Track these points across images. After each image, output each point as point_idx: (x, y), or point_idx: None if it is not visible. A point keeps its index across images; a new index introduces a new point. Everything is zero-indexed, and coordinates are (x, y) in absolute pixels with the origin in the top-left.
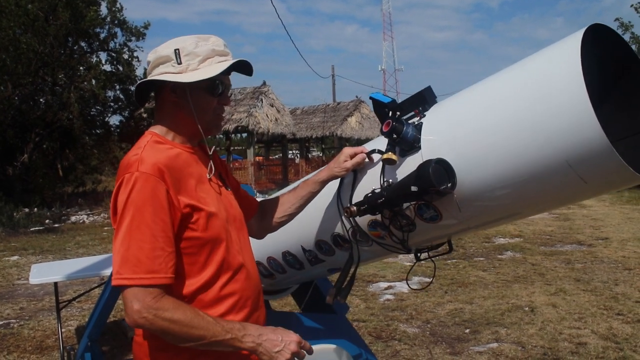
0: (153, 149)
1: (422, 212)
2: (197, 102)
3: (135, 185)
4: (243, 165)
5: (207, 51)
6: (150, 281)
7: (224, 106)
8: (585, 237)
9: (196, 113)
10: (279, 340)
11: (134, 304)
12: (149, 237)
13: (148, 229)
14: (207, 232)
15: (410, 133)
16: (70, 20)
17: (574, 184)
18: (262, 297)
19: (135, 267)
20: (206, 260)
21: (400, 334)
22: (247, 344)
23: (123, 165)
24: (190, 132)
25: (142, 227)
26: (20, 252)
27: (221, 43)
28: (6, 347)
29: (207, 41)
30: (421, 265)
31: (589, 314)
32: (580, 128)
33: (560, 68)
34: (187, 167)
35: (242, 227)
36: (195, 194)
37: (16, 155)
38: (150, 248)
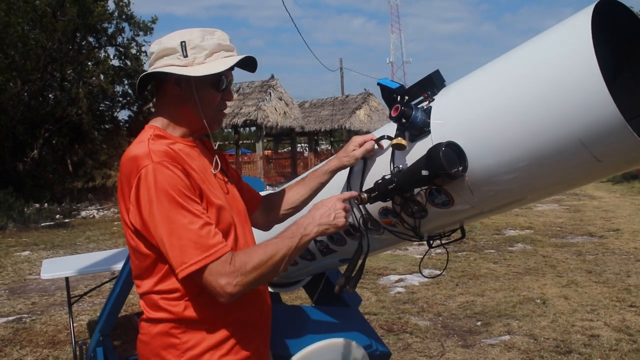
0: (156, 143)
1: (434, 197)
2: (202, 96)
3: (156, 176)
4: (252, 159)
5: (214, 45)
6: (216, 255)
7: (226, 102)
8: (597, 229)
9: (201, 106)
10: (327, 211)
11: (219, 280)
12: (192, 217)
13: (188, 211)
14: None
15: (419, 117)
16: (78, 16)
17: (588, 163)
18: (267, 291)
19: (196, 250)
20: None
21: (411, 327)
22: (313, 233)
23: (129, 160)
24: (192, 125)
25: (181, 211)
26: (31, 247)
27: (227, 38)
28: (19, 342)
29: (213, 35)
30: (432, 257)
31: (601, 305)
32: (593, 105)
33: (571, 45)
34: (190, 161)
35: (246, 220)
36: (201, 186)
37: (26, 151)
38: (199, 227)
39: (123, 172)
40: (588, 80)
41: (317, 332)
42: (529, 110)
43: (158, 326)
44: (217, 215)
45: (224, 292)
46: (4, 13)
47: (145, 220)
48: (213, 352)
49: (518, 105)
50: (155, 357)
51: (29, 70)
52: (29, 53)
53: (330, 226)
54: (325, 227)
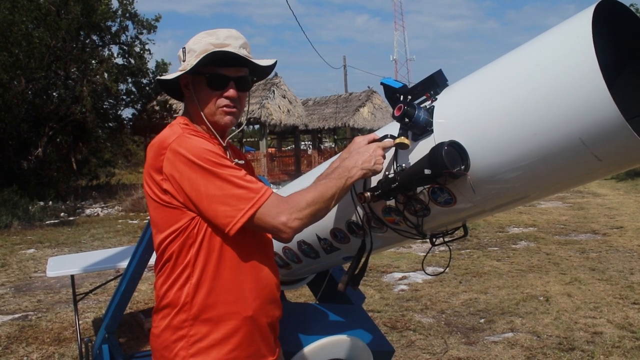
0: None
1: (436, 196)
2: (199, 95)
3: (186, 144)
4: (256, 156)
5: (205, 45)
6: (267, 193)
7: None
8: (600, 226)
9: (200, 105)
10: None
11: (278, 218)
12: (233, 169)
13: (227, 166)
14: None
15: (422, 117)
16: (82, 14)
17: (589, 162)
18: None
19: (248, 194)
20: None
21: (415, 324)
22: (357, 176)
23: (158, 141)
24: (204, 123)
25: (221, 167)
26: (36, 245)
27: (223, 35)
28: (25, 339)
29: (210, 36)
30: (435, 255)
31: (605, 303)
32: (594, 105)
33: (572, 45)
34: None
35: None
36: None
37: (30, 149)
38: (242, 174)
39: (152, 153)
40: (589, 80)
41: (321, 329)
42: (530, 110)
43: (167, 319)
44: None
45: (286, 228)
46: (8, 11)
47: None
48: (222, 345)
49: (519, 105)
50: (165, 349)
51: (33, 69)
52: (33, 51)
53: (370, 171)
54: (366, 172)
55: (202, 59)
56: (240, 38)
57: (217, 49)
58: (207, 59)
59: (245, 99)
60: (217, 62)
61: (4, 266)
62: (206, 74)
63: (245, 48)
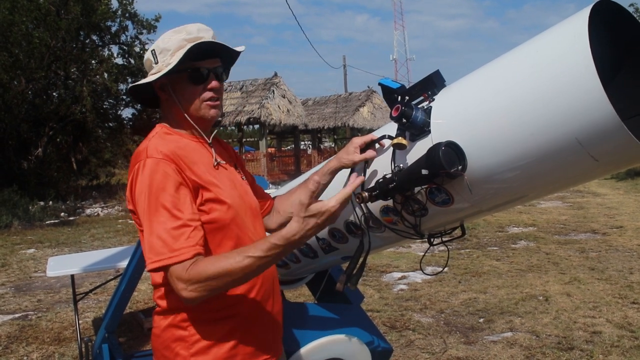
0: (161, 139)
1: (434, 196)
2: (182, 93)
3: (146, 170)
4: (255, 156)
5: (178, 41)
6: (177, 258)
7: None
8: (600, 226)
9: (182, 104)
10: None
11: (177, 283)
12: (169, 216)
13: (166, 209)
14: (217, 217)
15: (419, 117)
16: (82, 14)
17: (586, 162)
18: (278, 286)
19: (162, 249)
20: (217, 246)
21: (414, 324)
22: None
23: (134, 155)
24: (188, 123)
25: (160, 209)
26: (36, 245)
27: (195, 29)
28: (25, 339)
29: (179, 33)
30: (435, 254)
31: (604, 302)
32: (590, 106)
33: (568, 45)
34: (196, 155)
35: (257, 216)
36: (206, 179)
37: (30, 149)
38: (172, 227)
39: (130, 166)
40: (585, 81)
41: (319, 328)
42: (527, 110)
43: (168, 319)
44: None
45: (180, 296)
46: (8, 12)
47: (137, 211)
48: (221, 345)
49: (516, 105)
50: (166, 349)
51: (33, 69)
52: (33, 51)
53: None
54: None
55: (187, 53)
56: (210, 30)
57: (191, 43)
58: (189, 54)
59: (223, 90)
60: (194, 57)
61: (4, 266)
62: (187, 69)
63: (215, 38)
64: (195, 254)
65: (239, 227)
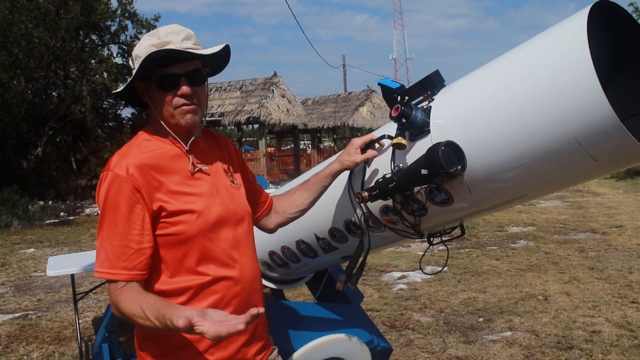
0: (136, 148)
1: (433, 195)
2: (155, 100)
3: (104, 184)
4: (255, 156)
5: (147, 48)
6: (112, 277)
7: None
8: (599, 225)
9: (157, 110)
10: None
11: (110, 297)
12: (115, 234)
13: (115, 227)
14: (181, 230)
15: (419, 117)
16: (81, 14)
17: (585, 162)
18: (260, 296)
19: (104, 262)
20: (182, 257)
21: (414, 323)
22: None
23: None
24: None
25: (110, 224)
26: (36, 245)
27: (163, 33)
28: (25, 338)
29: (152, 37)
30: (434, 254)
31: (603, 302)
32: (589, 106)
33: (567, 46)
34: (172, 163)
35: (240, 222)
36: (175, 189)
37: (30, 149)
38: (116, 245)
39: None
40: (584, 81)
41: (319, 328)
42: (526, 110)
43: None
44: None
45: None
46: (8, 11)
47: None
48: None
49: (515, 105)
50: (138, 349)
51: (32, 69)
52: (33, 51)
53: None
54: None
55: (142, 63)
56: (183, 31)
57: (157, 49)
58: (150, 62)
59: (204, 92)
60: (164, 62)
61: (4, 265)
62: (154, 76)
63: (189, 39)
64: (128, 279)
65: (208, 238)
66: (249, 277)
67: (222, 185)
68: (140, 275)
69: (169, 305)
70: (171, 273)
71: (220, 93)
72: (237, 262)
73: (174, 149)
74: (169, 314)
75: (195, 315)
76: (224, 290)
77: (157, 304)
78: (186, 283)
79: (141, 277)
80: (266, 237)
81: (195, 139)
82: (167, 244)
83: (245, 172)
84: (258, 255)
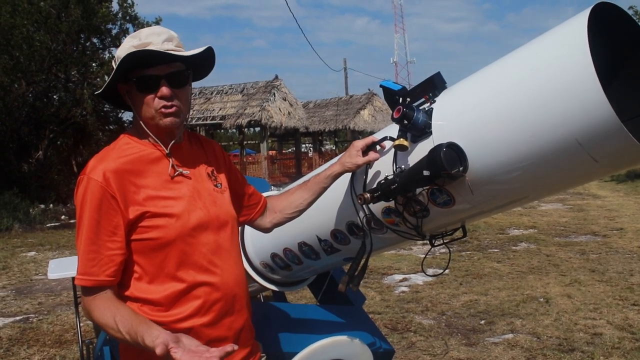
0: (115, 151)
1: (435, 197)
2: (134, 101)
3: (80, 188)
4: (256, 159)
5: (127, 49)
6: (82, 282)
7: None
8: (600, 228)
9: (139, 113)
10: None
11: (82, 301)
12: (87, 239)
13: (87, 232)
14: (159, 235)
15: (421, 119)
16: (82, 17)
17: (586, 163)
18: (244, 302)
19: (78, 267)
20: (161, 262)
21: (415, 326)
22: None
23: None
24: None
25: (82, 229)
26: (37, 248)
27: (144, 34)
28: (26, 342)
29: (133, 39)
30: (436, 257)
31: (604, 304)
32: (590, 107)
33: (568, 47)
34: (151, 167)
35: (223, 227)
36: (152, 194)
37: (31, 152)
38: (87, 250)
39: None
40: (585, 82)
41: (321, 330)
42: (528, 112)
43: None
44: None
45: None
46: (9, 15)
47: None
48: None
49: (517, 107)
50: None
51: (33, 72)
52: (34, 54)
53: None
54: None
55: (120, 63)
56: (164, 33)
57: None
58: (130, 63)
59: (186, 94)
60: (144, 64)
61: (5, 269)
62: (133, 78)
63: (171, 41)
64: (95, 284)
65: (188, 242)
66: (231, 283)
67: (204, 189)
68: (108, 281)
69: (143, 322)
70: (150, 279)
71: (221, 96)
72: (218, 268)
73: (154, 152)
74: (142, 331)
75: (170, 341)
76: (204, 295)
77: (131, 318)
78: (166, 289)
79: (109, 283)
80: (268, 239)
81: (177, 142)
82: (146, 249)
83: (234, 174)
84: (260, 257)
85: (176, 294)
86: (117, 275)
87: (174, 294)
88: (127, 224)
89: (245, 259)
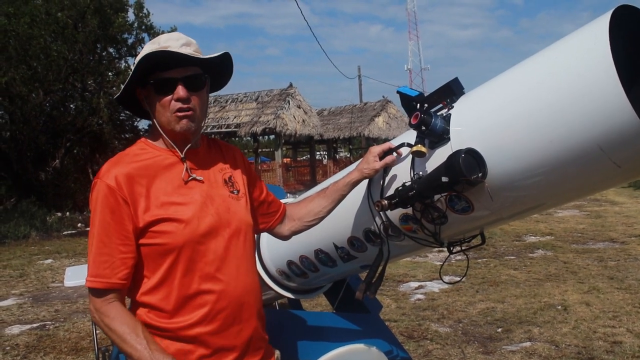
0: (129, 156)
1: (454, 203)
2: (151, 105)
3: (94, 192)
4: (271, 167)
5: (143, 53)
6: (94, 284)
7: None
8: (618, 235)
9: (155, 116)
10: None
11: (90, 304)
12: (98, 242)
13: (98, 235)
14: (166, 241)
15: (438, 125)
16: (99, 27)
17: (607, 169)
18: (254, 310)
19: (89, 270)
20: (168, 268)
21: (432, 334)
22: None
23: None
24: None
25: (94, 232)
26: (54, 256)
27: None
28: (42, 349)
29: (153, 43)
30: (452, 264)
31: (624, 312)
32: (612, 112)
33: (589, 52)
34: (165, 172)
35: (235, 234)
36: (162, 200)
37: (48, 161)
38: (97, 253)
39: None
40: (606, 87)
41: (338, 338)
42: (547, 117)
43: None
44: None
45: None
46: (27, 26)
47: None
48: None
49: (536, 112)
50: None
51: (51, 81)
52: (51, 64)
53: None
54: None
55: (138, 65)
56: (182, 38)
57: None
58: (148, 66)
59: (202, 99)
60: (162, 66)
61: (23, 276)
62: (151, 80)
63: (189, 45)
64: (107, 288)
65: (195, 249)
66: (238, 291)
67: (217, 195)
68: (120, 284)
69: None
70: (157, 284)
71: (236, 104)
72: (225, 275)
73: (169, 158)
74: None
75: None
76: (210, 304)
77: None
78: (172, 295)
79: (121, 286)
80: (284, 247)
81: (193, 147)
82: (153, 254)
83: (254, 181)
84: (276, 265)
85: (182, 301)
86: (128, 278)
87: (179, 300)
88: (137, 229)
89: (261, 266)
